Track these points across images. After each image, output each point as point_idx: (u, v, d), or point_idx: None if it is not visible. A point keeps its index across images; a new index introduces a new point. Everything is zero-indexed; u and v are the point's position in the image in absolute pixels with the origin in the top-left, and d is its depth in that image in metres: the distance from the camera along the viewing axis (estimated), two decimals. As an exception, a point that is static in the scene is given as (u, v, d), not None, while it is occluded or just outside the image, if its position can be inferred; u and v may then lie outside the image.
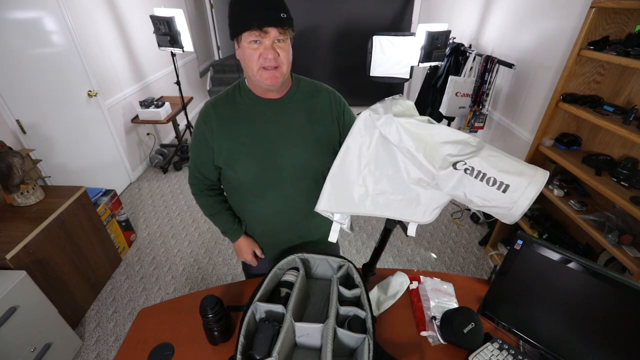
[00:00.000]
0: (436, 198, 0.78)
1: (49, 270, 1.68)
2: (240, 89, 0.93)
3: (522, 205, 0.65)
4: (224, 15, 6.03)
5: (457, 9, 3.28)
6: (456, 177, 0.70)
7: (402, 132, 0.73)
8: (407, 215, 0.81)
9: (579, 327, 0.79)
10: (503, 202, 0.66)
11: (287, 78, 0.90)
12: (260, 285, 0.93)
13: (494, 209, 0.68)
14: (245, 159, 0.93)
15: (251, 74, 0.85)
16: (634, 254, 1.43)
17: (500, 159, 0.68)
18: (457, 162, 0.69)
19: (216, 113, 0.92)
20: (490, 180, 0.66)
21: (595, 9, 1.48)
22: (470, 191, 0.69)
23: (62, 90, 2.39)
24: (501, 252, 2.31)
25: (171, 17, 2.71)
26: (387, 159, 0.80)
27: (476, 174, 0.67)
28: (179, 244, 2.51)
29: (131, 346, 0.93)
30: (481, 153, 0.68)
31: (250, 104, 0.92)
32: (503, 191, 0.65)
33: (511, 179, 0.65)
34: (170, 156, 3.57)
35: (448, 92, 2.64)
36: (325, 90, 0.99)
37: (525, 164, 0.67)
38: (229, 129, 0.91)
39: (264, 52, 0.80)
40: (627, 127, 1.41)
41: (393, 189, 0.81)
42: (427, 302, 1.03)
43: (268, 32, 0.78)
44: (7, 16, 1.99)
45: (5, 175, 1.64)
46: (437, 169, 0.71)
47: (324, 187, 0.86)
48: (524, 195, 0.64)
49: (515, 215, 0.66)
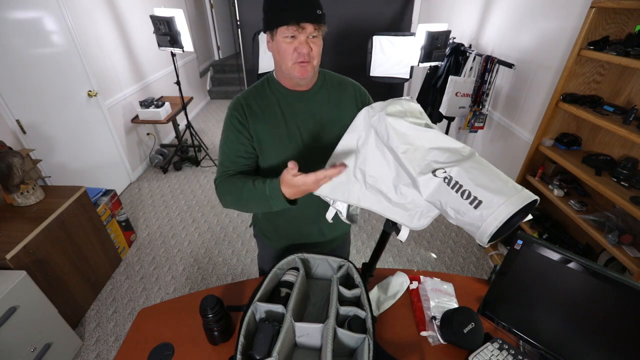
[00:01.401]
0: (426, 206, 0.74)
1: (49, 270, 1.68)
2: (269, 83, 0.96)
3: (490, 225, 0.58)
4: (224, 15, 6.03)
5: (457, 9, 3.28)
6: (434, 185, 0.67)
7: (390, 131, 0.73)
8: (397, 217, 0.79)
9: (579, 327, 0.79)
10: (473, 219, 0.61)
11: (316, 72, 0.93)
12: (260, 285, 0.93)
13: (466, 225, 0.63)
14: (272, 150, 0.95)
15: (284, 68, 0.87)
16: (634, 254, 1.43)
17: (483, 173, 0.63)
18: (437, 169, 0.66)
19: (246, 104, 0.93)
20: (464, 193, 0.62)
21: (595, 9, 1.48)
22: (445, 201, 0.65)
23: (62, 90, 2.39)
24: (501, 252, 2.31)
25: (171, 17, 2.71)
26: (381, 158, 0.80)
27: (453, 184, 0.64)
28: (179, 244, 2.51)
29: (131, 346, 0.93)
30: (464, 164, 0.65)
31: (279, 96, 0.94)
32: (475, 207, 0.60)
33: (485, 195, 0.60)
34: (170, 156, 3.57)
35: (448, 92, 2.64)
36: (350, 83, 1.02)
37: (510, 183, 0.62)
38: (259, 119, 0.93)
39: (299, 47, 0.82)
40: (627, 127, 1.41)
41: (386, 189, 0.80)
42: (427, 302, 1.03)
43: (305, 27, 0.80)
44: (7, 16, 1.99)
45: (5, 175, 1.64)
46: (417, 173, 0.69)
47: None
48: (494, 215, 0.58)
49: (484, 235, 0.60)
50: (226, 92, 5.82)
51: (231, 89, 5.81)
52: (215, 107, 5.44)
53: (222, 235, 2.60)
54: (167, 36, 2.75)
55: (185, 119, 3.46)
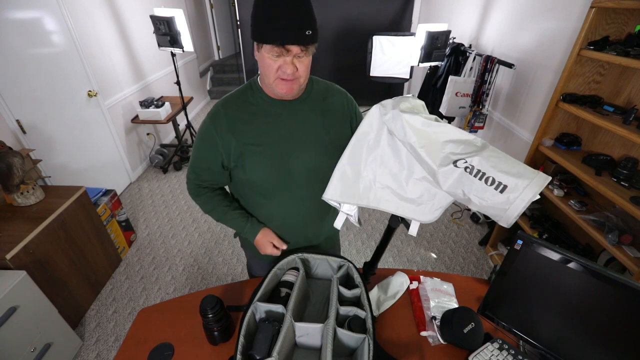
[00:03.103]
0: (438, 198, 0.78)
1: (49, 270, 1.68)
2: (252, 89, 0.91)
3: (518, 207, 0.64)
4: (224, 15, 6.03)
5: (457, 9, 3.28)
6: (456, 175, 0.70)
7: (407, 128, 0.74)
8: (409, 213, 0.81)
9: (579, 327, 0.79)
10: (499, 203, 0.66)
11: (303, 87, 0.88)
12: (260, 285, 0.93)
13: (491, 209, 0.68)
14: (255, 160, 0.91)
15: (267, 82, 0.83)
16: (634, 254, 1.43)
17: (502, 160, 0.68)
18: (457, 160, 0.69)
19: (226, 113, 0.90)
20: (488, 180, 0.66)
21: (595, 9, 1.48)
22: (468, 190, 0.69)
23: (62, 90, 2.39)
24: (501, 252, 2.31)
25: (171, 17, 2.71)
26: (392, 156, 0.81)
27: (475, 172, 0.67)
28: (179, 244, 2.51)
29: (131, 346, 0.93)
30: (483, 153, 0.69)
31: (262, 105, 0.90)
32: (500, 191, 0.65)
33: (509, 180, 0.65)
34: (170, 156, 3.57)
35: (448, 92, 2.64)
36: (337, 91, 0.98)
37: (526, 167, 0.67)
38: (240, 129, 0.89)
39: (283, 66, 0.77)
40: (627, 127, 1.41)
41: (396, 185, 0.82)
42: (427, 302, 1.03)
43: (290, 49, 0.75)
44: (7, 16, 1.99)
45: (5, 175, 1.64)
46: (437, 165, 0.71)
47: (332, 175, 0.86)
48: (521, 196, 0.64)
49: (511, 217, 0.65)
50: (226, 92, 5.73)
51: (231, 89, 5.65)
52: (215, 107, 5.43)
53: (222, 235, 2.60)
54: (167, 36, 2.76)
55: (185, 119, 3.46)
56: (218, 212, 1.03)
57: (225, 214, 1.03)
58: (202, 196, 1.04)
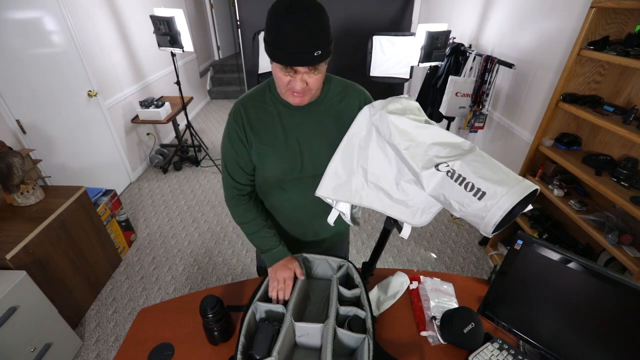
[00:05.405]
0: (427, 201, 0.76)
1: (49, 270, 1.68)
2: (270, 91, 0.92)
3: (495, 215, 0.60)
4: (224, 15, 6.03)
5: (457, 9, 3.28)
6: (437, 179, 0.68)
7: (392, 129, 0.73)
8: (399, 214, 0.81)
9: (579, 327, 0.78)
10: (477, 209, 0.62)
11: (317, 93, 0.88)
12: (260, 285, 0.93)
13: (470, 216, 0.65)
14: (271, 161, 0.93)
15: (279, 91, 0.85)
16: (634, 254, 1.43)
17: (485, 165, 0.65)
18: (440, 164, 0.68)
19: (246, 116, 0.91)
20: (468, 185, 0.63)
21: (595, 9, 1.48)
22: (449, 194, 0.67)
23: (62, 90, 2.39)
24: (501, 252, 2.31)
25: (171, 17, 2.70)
26: (382, 156, 0.81)
27: (456, 177, 0.65)
28: (179, 244, 2.51)
29: (131, 346, 0.93)
30: (466, 157, 0.66)
31: (278, 107, 0.91)
32: (479, 198, 0.62)
33: (489, 186, 0.61)
34: (170, 156, 3.57)
35: (448, 92, 2.64)
36: (355, 91, 0.97)
37: (511, 174, 0.64)
38: (257, 130, 0.91)
39: (293, 82, 0.78)
40: (627, 127, 1.41)
41: (387, 186, 0.81)
42: (427, 302, 1.03)
43: (298, 70, 0.75)
44: (7, 16, 1.99)
45: (5, 175, 1.64)
46: (420, 168, 0.70)
47: (325, 173, 0.86)
48: (498, 204, 0.60)
49: (489, 225, 0.62)
50: (226, 92, 5.82)
51: (231, 89, 5.81)
52: (215, 107, 5.44)
53: (222, 235, 2.60)
54: (167, 36, 2.75)
55: (185, 119, 3.45)
56: (252, 225, 1.02)
57: (260, 230, 1.02)
58: (240, 206, 1.02)
